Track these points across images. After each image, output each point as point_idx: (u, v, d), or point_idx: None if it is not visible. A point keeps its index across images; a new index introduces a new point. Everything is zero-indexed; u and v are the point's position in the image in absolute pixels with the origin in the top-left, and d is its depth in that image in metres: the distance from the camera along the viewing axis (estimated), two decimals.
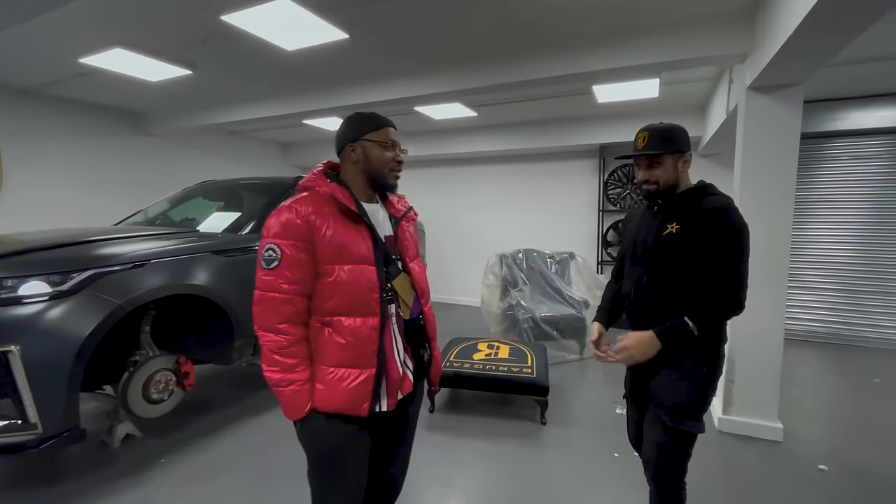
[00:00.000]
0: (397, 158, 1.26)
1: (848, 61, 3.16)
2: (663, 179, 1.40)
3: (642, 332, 1.36)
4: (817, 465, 2.34)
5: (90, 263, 2.00)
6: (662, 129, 1.41)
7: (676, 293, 1.37)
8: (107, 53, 3.10)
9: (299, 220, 1.12)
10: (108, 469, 2.30)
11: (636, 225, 1.55)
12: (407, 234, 1.35)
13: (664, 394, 1.40)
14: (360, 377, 1.14)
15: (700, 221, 1.33)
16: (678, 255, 1.36)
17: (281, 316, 1.12)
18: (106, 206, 4.48)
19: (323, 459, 1.20)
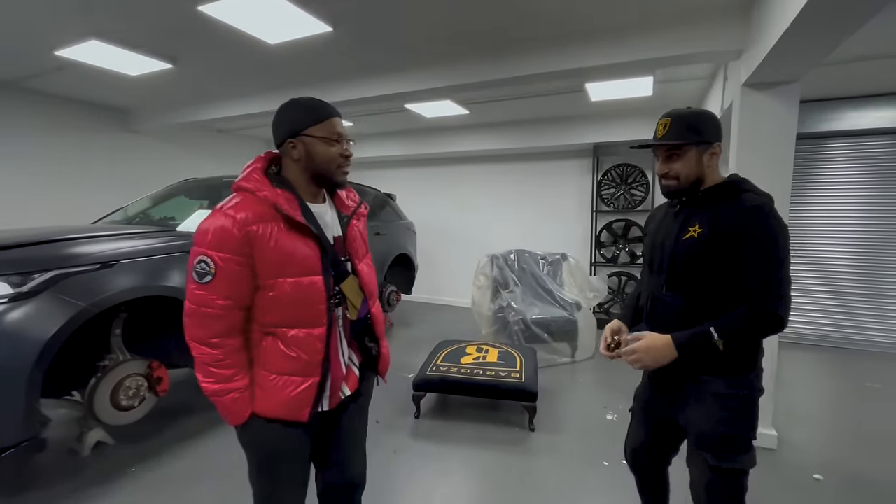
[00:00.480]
0: (344, 153, 1.16)
1: (844, 60, 3.10)
2: (684, 174, 1.22)
3: (658, 336, 1.19)
4: (812, 474, 2.27)
5: (53, 264, 1.90)
6: (687, 115, 1.23)
7: (700, 307, 1.19)
8: (82, 46, 2.99)
9: (237, 231, 1.01)
10: (76, 478, 2.20)
11: (656, 226, 1.38)
12: (357, 233, 1.27)
13: (702, 428, 1.22)
14: (303, 385, 1.11)
15: (729, 223, 1.14)
16: (701, 263, 1.18)
17: (214, 331, 1.05)
18: (90, 204, 4.33)
19: (263, 462, 1.18)
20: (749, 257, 1.12)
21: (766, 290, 1.11)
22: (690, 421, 1.26)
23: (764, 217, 1.13)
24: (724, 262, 1.16)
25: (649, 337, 1.21)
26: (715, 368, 1.20)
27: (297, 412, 1.11)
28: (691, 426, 1.26)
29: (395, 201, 5.33)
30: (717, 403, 1.20)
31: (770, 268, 1.12)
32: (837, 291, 4.45)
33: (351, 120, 5.40)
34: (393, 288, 4.93)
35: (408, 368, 3.53)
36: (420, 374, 2.89)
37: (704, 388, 1.22)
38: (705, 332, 1.13)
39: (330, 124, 1.12)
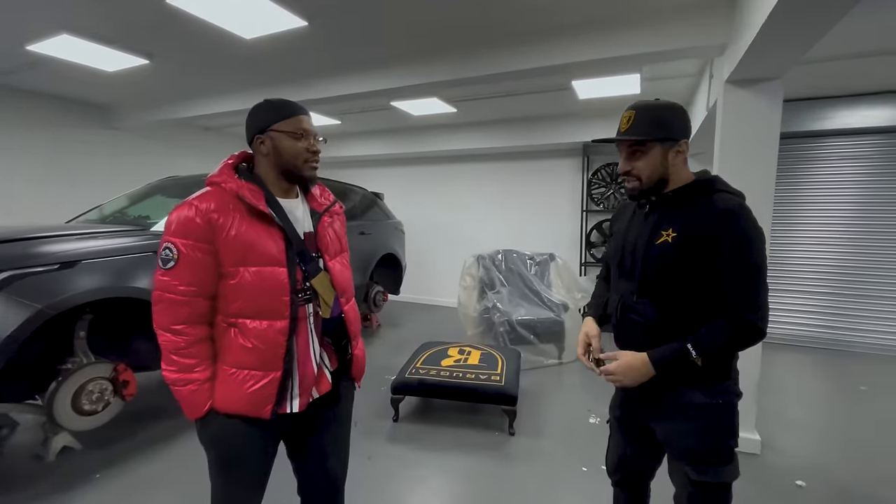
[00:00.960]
0: (311, 148, 1.16)
1: (829, 57, 3.05)
2: (647, 174, 1.13)
3: (634, 356, 1.13)
4: (794, 481, 2.22)
5: (7, 264, 1.83)
6: (653, 107, 1.13)
7: (674, 316, 1.12)
8: (54, 40, 2.91)
9: (199, 219, 1.04)
10: (39, 484, 2.13)
11: (624, 226, 1.28)
12: (329, 230, 1.26)
13: (681, 441, 1.17)
14: (264, 380, 1.09)
15: (702, 227, 1.07)
16: (675, 270, 1.11)
17: (177, 317, 1.07)
18: (70, 201, 4.27)
19: (223, 460, 1.16)
20: (725, 264, 1.06)
21: (744, 300, 1.06)
22: (669, 434, 1.20)
23: (738, 220, 1.06)
24: (699, 269, 1.09)
25: (626, 357, 1.15)
26: (691, 379, 1.14)
27: (258, 408, 1.09)
28: (670, 439, 1.21)
29: (382, 201, 5.26)
30: (695, 414, 1.15)
31: (747, 276, 1.06)
32: (823, 292, 4.42)
33: (337, 118, 5.33)
34: (380, 288, 4.87)
35: (391, 370, 3.47)
36: (399, 377, 2.83)
37: (681, 400, 1.16)
38: (683, 349, 1.08)
39: (296, 120, 1.14)
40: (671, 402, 1.17)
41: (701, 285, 1.10)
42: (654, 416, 1.23)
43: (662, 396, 1.18)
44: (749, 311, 1.05)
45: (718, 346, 1.08)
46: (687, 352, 1.07)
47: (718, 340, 1.07)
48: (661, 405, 1.20)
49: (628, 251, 1.22)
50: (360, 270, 4.34)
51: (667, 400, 1.18)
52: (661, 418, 1.21)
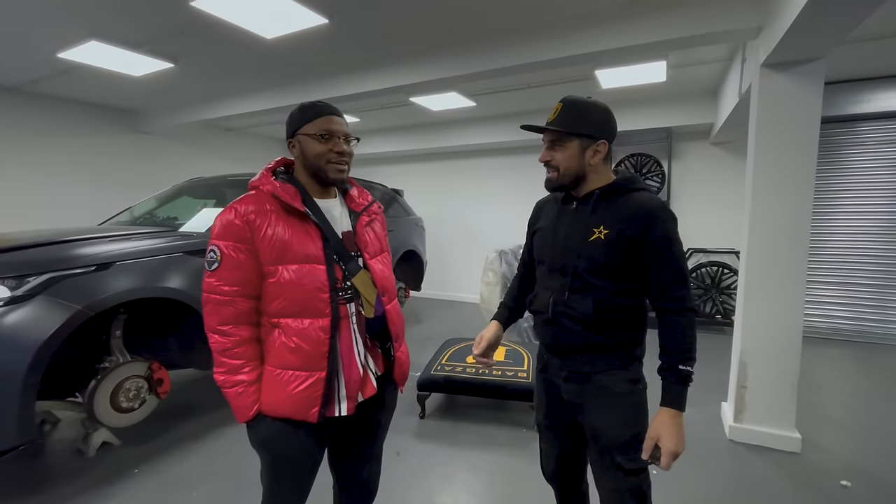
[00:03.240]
0: (336, 149, 1.14)
1: (873, 36, 2.90)
2: (563, 167, 1.16)
3: (662, 425, 1.07)
4: (839, 481, 2.13)
5: (48, 266, 1.89)
6: (578, 104, 1.16)
7: (605, 309, 1.14)
8: (83, 47, 3.00)
9: (238, 221, 1.08)
10: (80, 479, 2.20)
11: (551, 223, 1.27)
12: (368, 230, 1.26)
13: (612, 431, 1.16)
14: (308, 381, 1.09)
15: (632, 225, 1.11)
16: (610, 267, 1.13)
17: (223, 318, 1.09)
18: (101, 205, 4.41)
19: (271, 464, 1.16)
20: (657, 259, 1.11)
21: (683, 289, 1.12)
22: (598, 426, 1.18)
23: (664, 217, 1.11)
24: (630, 264, 1.13)
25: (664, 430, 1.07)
26: (611, 365, 1.18)
27: (304, 411, 1.09)
28: (600, 431, 1.17)
29: (402, 197, 5.26)
30: (620, 403, 1.17)
31: (679, 267, 1.12)
32: (864, 283, 4.23)
33: (357, 116, 5.35)
34: (401, 285, 4.87)
35: (415, 366, 3.44)
36: (424, 374, 2.82)
37: (606, 390, 1.17)
38: (684, 375, 1.09)
39: (320, 122, 1.14)
40: (596, 392, 1.18)
41: (630, 279, 1.15)
42: (580, 410, 1.22)
43: (587, 388, 1.19)
44: (689, 300, 1.12)
45: (691, 345, 1.11)
46: (686, 373, 1.09)
47: (688, 340, 1.10)
48: (586, 398, 1.20)
49: (559, 248, 1.21)
50: None
51: (591, 390, 1.19)
52: (588, 412, 1.20)
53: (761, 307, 2.41)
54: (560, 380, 1.24)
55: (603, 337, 1.16)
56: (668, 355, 1.11)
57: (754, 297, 2.42)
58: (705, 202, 5.04)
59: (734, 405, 2.51)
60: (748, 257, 2.43)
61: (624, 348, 1.18)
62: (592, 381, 1.18)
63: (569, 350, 1.21)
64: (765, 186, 2.35)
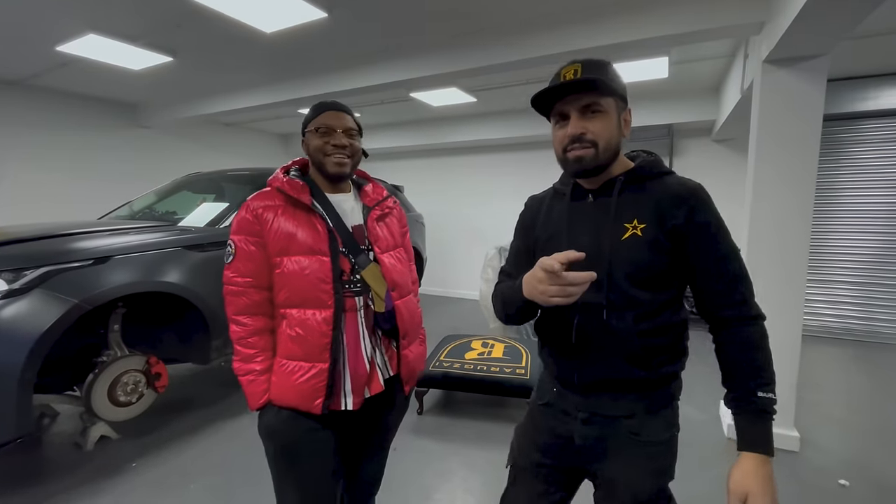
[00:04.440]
0: (332, 142, 1.16)
1: (877, 32, 2.87)
2: (605, 140, 0.87)
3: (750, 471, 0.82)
4: (837, 480, 2.13)
5: (45, 260, 1.89)
6: (598, 61, 0.90)
7: (654, 329, 0.88)
8: (82, 40, 2.98)
9: (248, 215, 1.14)
10: (78, 473, 2.20)
11: (562, 221, 0.98)
12: (381, 225, 1.27)
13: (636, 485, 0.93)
14: (311, 371, 1.10)
15: (674, 211, 0.87)
16: (655, 268, 0.88)
17: (237, 308, 1.14)
18: (102, 199, 4.41)
19: (278, 453, 1.16)
20: (710, 253, 0.87)
21: (746, 291, 0.89)
22: (616, 480, 0.95)
23: (709, 200, 0.89)
24: (675, 264, 0.89)
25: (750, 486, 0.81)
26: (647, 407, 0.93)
27: (307, 401, 1.10)
28: (618, 486, 0.95)
29: (402, 193, 5.24)
30: (653, 453, 0.94)
31: (738, 262, 0.89)
32: (865, 282, 4.21)
33: (357, 111, 5.31)
34: None
35: None
36: (423, 370, 2.82)
37: (637, 438, 0.92)
38: (765, 404, 0.84)
39: (321, 118, 1.17)
40: (624, 439, 0.93)
41: (672, 285, 0.91)
42: (598, 458, 0.97)
43: (611, 431, 0.94)
44: (755, 307, 0.89)
45: (769, 362, 0.86)
46: (768, 402, 0.84)
47: (763, 357, 0.86)
48: (609, 446, 0.95)
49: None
50: None
51: (618, 435, 0.93)
52: (609, 461, 0.95)
53: (761, 305, 2.37)
54: (576, 421, 0.97)
55: (644, 370, 0.89)
56: (740, 380, 0.86)
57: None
58: None
59: None
60: (748, 254, 2.42)
61: (665, 384, 0.93)
62: (622, 426, 0.93)
63: (597, 387, 0.94)
64: (766, 183, 2.33)
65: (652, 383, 0.92)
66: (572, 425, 0.98)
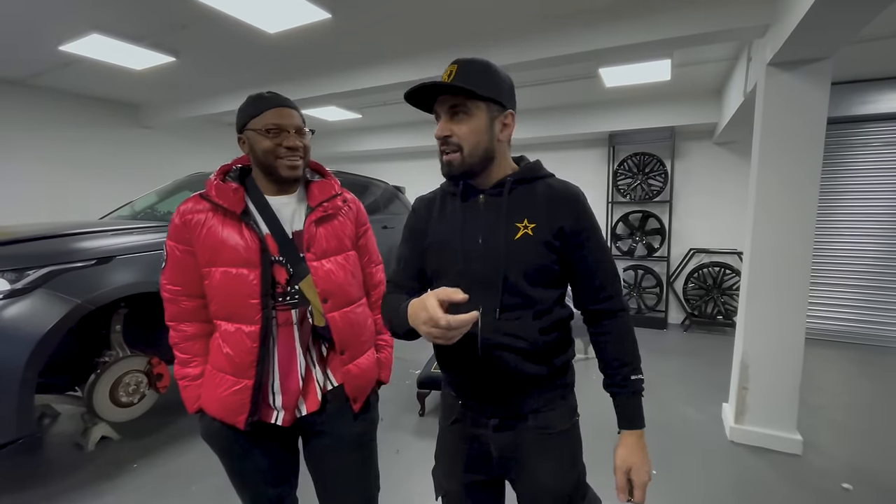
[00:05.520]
0: (285, 144, 1.05)
1: (881, 36, 2.87)
2: (471, 144, 0.88)
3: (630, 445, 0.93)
4: (840, 483, 2.12)
5: (47, 260, 1.88)
6: (480, 63, 0.90)
7: (548, 326, 0.91)
8: (85, 40, 2.98)
9: (178, 220, 1.07)
10: (79, 473, 2.20)
11: (452, 222, 0.97)
12: (321, 227, 1.13)
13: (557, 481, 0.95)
14: (235, 387, 1.06)
15: (559, 213, 0.90)
16: (546, 268, 0.91)
17: (170, 314, 1.11)
18: (102, 199, 4.41)
19: (219, 457, 1.16)
20: (589, 252, 0.93)
21: (616, 286, 0.96)
22: (535, 480, 0.95)
23: (587, 204, 0.94)
24: (564, 264, 0.93)
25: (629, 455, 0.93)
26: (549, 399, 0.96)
27: (231, 415, 1.07)
28: (538, 486, 0.95)
29: (404, 194, 5.24)
30: (562, 443, 0.97)
31: (610, 260, 0.96)
32: (868, 285, 4.21)
33: (359, 112, 5.33)
34: None
35: (415, 364, 3.47)
36: (424, 371, 2.82)
37: (547, 429, 0.95)
38: (636, 386, 0.93)
39: (267, 116, 1.05)
40: (535, 441, 0.95)
41: (560, 283, 0.95)
42: (515, 466, 0.97)
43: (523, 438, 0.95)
44: (623, 300, 0.96)
45: (636, 350, 0.95)
46: (639, 383, 0.94)
47: (632, 343, 0.95)
48: (523, 449, 0.96)
49: (475, 255, 0.91)
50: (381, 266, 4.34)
51: (530, 440, 0.95)
52: (526, 466, 0.96)
53: (764, 308, 2.39)
54: (487, 431, 0.97)
55: (546, 366, 0.92)
56: (615, 367, 0.94)
57: (757, 298, 2.41)
58: (707, 202, 5.01)
59: (735, 406, 2.50)
60: (752, 258, 2.42)
61: (562, 375, 0.97)
62: (529, 424, 0.95)
63: (504, 391, 0.94)
64: (770, 187, 2.33)
65: (550, 376, 0.95)
66: (486, 436, 0.98)
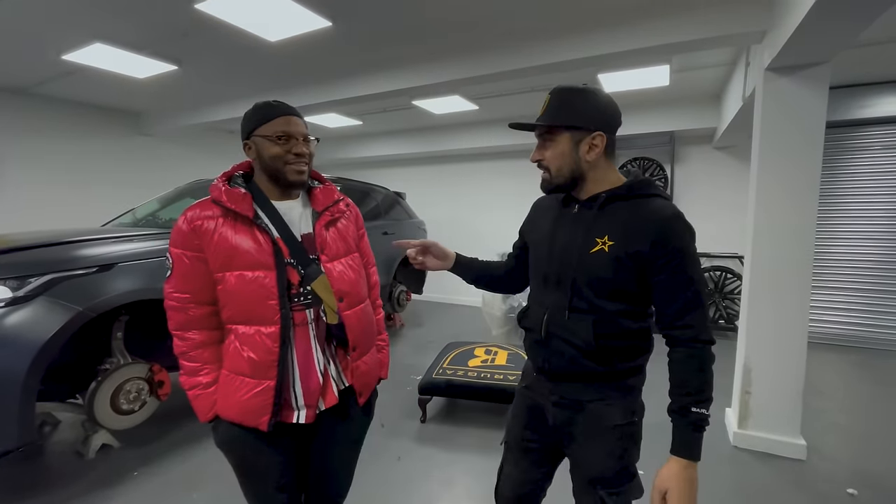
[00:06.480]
0: (293, 150, 1.10)
1: (879, 40, 2.88)
2: (555, 166, 1.03)
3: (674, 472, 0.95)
4: (845, 489, 2.10)
5: (49, 267, 1.89)
6: (568, 91, 1.01)
7: (608, 333, 1.00)
8: (88, 49, 3.01)
9: (185, 227, 1.07)
10: (79, 482, 2.19)
11: (549, 227, 1.12)
12: (330, 230, 1.19)
13: (599, 465, 1.05)
14: (257, 389, 1.06)
15: (643, 236, 0.95)
16: (615, 283, 0.99)
17: (177, 323, 1.10)
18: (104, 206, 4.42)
19: (235, 464, 1.16)
20: (670, 277, 0.96)
21: (698, 316, 0.96)
22: (584, 459, 1.08)
23: (680, 228, 0.96)
24: (640, 282, 0.99)
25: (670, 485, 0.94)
26: (608, 395, 1.05)
27: (254, 418, 1.07)
28: (585, 464, 1.07)
29: (404, 200, 5.26)
30: (613, 436, 1.04)
31: (695, 289, 0.96)
32: (870, 289, 4.20)
33: (358, 119, 5.36)
34: (403, 288, 4.87)
35: (416, 370, 3.46)
36: (426, 378, 2.81)
37: (600, 421, 1.04)
38: (696, 419, 0.95)
39: (275, 123, 1.09)
40: (589, 423, 1.06)
41: (635, 298, 1.01)
42: (568, 440, 1.10)
43: (578, 416, 1.06)
44: (706, 332, 0.96)
45: (707, 383, 0.96)
46: (700, 417, 0.94)
47: (703, 378, 0.95)
48: (577, 429, 1.07)
49: (556, 257, 1.07)
50: (383, 270, 4.35)
51: (583, 420, 1.06)
52: (577, 442, 1.08)
53: (766, 312, 2.39)
54: (549, 403, 1.11)
55: (602, 366, 1.02)
56: (678, 395, 0.97)
57: (759, 302, 2.40)
58: (708, 206, 5.02)
59: (738, 411, 2.49)
60: (752, 262, 2.42)
61: (622, 377, 1.05)
62: (585, 411, 1.06)
63: (562, 376, 1.08)
64: (770, 191, 2.34)
65: (611, 376, 1.03)
66: (547, 406, 1.12)
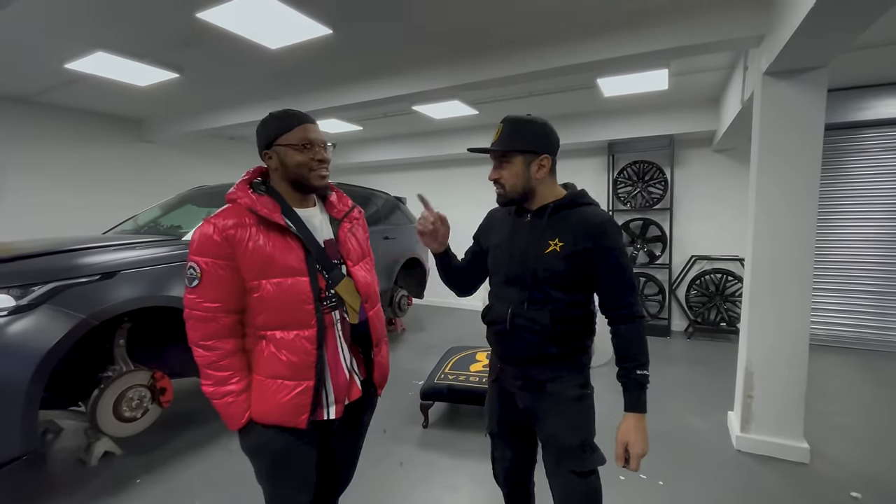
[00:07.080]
0: (317, 157, 1.15)
1: (877, 43, 2.90)
2: (510, 184, 1.24)
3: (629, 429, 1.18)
4: (849, 492, 2.10)
5: (52, 275, 1.89)
6: (518, 121, 1.24)
7: (562, 320, 1.20)
8: (90, 58, 3.02)
9: (217, 237, 1.07)
10: (82, 489, 2.19)
11: (506, 234, 1.32)
12: (350, 236, 1.28)
13: (565, 439, 1.24)
14: (297, 389, 1.11)
15: (584, 238, 1.17)
16: (566, 278, 1.20)
17: (205, 333, 1.09)
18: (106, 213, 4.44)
19: (267, 468, 1.18)
20: (609, 269, 1.18)
21: (633, 297, 1.19)
22: (551, 433, 1.26)
23: (612, 230, 1.18)
24: (584, 275, 1.20)
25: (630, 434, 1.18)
26: (562, 373, 1.24)
27: (293, 418, 1.11)
28: (553, 439, 1.26)
29: (405, 205, 5.27)
30: (573, 410, 1.24)
31: (629, 276, 1.19)
32: (869, 290, 4.20)
33: (360, 124, 5.38)
34: (404, 292, 4.87)
35: (418, 374, 3.46)
36: (427, 383, 2.81)
37: (558, 396, 1.24)
38: (641, 379, 1.16)
39: (298, 131, 1.13)
40: (552, 399, 1.24)
41: (583, 290, 1.22)
42: (535, 418, 1.28)
43: (542, 395, 1.25)
44: (637, 306, 1.20)
45: (644, 350, 1.18)
46: (643, 377, 1.16)
47: (641, 344, 1.18)
48: (540, 406, 1.26)
49: (517, 260, 1.25)
50: (384, 274, 4.35)
51: (546, 397, 1.25)
52: (542, 419, 1.26)
53: (767, 315, 2.39)
54: (515, 388, 1.30)
55: (558, 347, 1.21)
56: (625, 362, 1.18)
57: (760, 305, 2.41)
58: (708, 209, 5.02)
59: (741, 415, 2.48)
60: (753, 265, 2.42)
61: (575, 356, 1.25)
62: (546, 390, 1.25)
63: (525, 360, 1.25)
64: (769, 194, 2.34)
65: (562, 356, 1.23)
66: (514, 392, 1.31)
